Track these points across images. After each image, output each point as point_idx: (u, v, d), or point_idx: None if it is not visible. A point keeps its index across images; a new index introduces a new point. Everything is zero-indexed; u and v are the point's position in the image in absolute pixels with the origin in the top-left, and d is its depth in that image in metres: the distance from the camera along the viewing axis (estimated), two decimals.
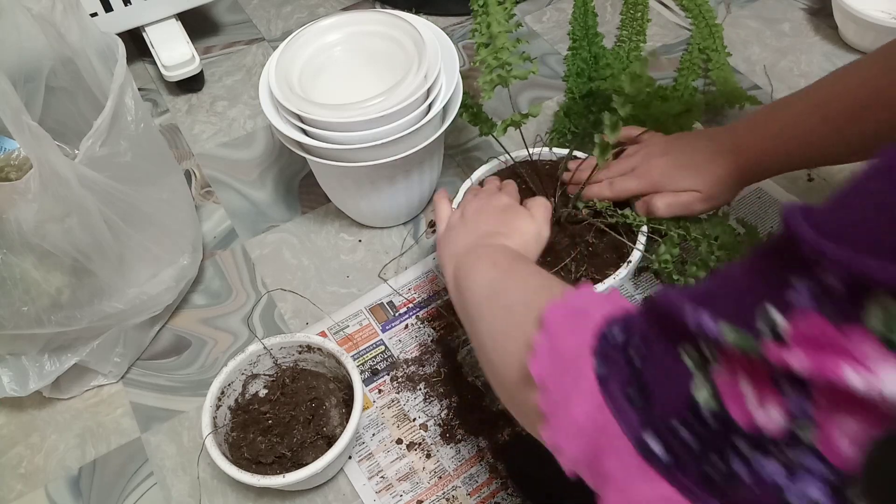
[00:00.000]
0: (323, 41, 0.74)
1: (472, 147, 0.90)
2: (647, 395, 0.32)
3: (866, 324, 0.24)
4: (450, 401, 0.68)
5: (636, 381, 0.33)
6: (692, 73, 0.92)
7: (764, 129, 0.63)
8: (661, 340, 0.32)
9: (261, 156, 0.91)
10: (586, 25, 0.97)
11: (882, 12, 0.93)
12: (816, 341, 0.25)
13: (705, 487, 0.30)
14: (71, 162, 0.55)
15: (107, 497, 0.66)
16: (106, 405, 0.71)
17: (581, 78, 0.91)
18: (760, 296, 0.28)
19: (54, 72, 0.70)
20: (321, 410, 0.65)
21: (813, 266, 0.26)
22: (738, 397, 0.28)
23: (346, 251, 0.81)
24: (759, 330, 0.27)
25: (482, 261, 0.53)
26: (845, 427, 0.25)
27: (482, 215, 0.60)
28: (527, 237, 0.57)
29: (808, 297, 0.26)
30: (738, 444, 0.28)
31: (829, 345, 0.25)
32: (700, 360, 0.30)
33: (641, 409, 0.32)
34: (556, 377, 0.37)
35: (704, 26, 0.98)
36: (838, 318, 0.25)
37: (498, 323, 0.46)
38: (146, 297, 0.68)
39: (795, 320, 0.26)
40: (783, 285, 0.27)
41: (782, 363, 0.26)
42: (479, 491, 0.63)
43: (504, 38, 0.63)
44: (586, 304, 0.40)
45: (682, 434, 0.30)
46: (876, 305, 0.24)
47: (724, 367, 0.29)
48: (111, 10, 0.90)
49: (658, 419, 0.31)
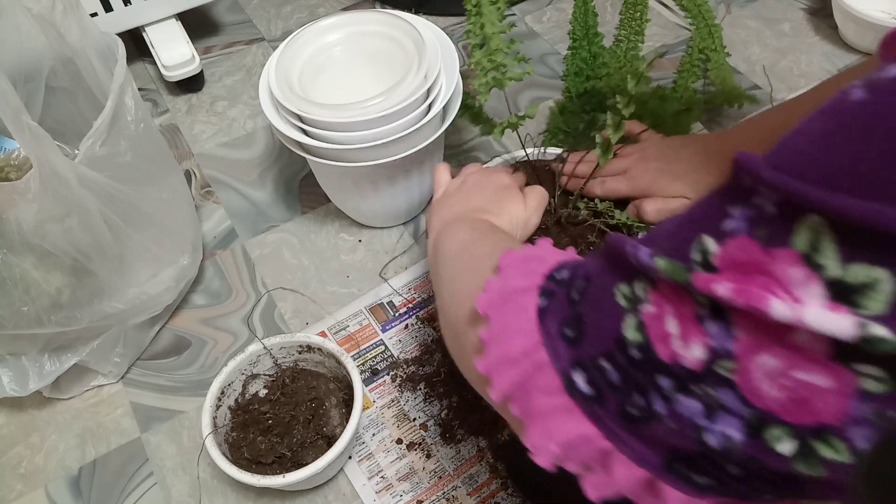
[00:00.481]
0: (323, 41, 0.74)
1: (472, 147, 0.90)
2: (581, 331, 0.33)
3: (793, 246, 0.24)
4: (450, 401, 0.68)
5: (572, 318, 0.34)
6: (692, 76, 0.92)
7: (756, 133, 0.63)
8: (601, 279, 0.33)
9: (261, 156, 0.91)
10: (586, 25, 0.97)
11: (882, 12, 0.93)
12: (744, 265, 0.26)
13: (624, 424, 0.31)
14: (71, 162, 0.55)
15: (107, 497, 0.66)
16: (106, 405, 0.71)
17: (579, 77, 0.91)
18: (698, 228, 0.28)
19: (54, 72, 0.70)
20: (321, 410, 0.65)
21: (752, 195, 0.26)
22: (664, 334, 0.29)
23: (346, 251, 0.81)
24: (692, 259, 0.28)
25: (462, 226, 0.54)
26: (764, 363, 0.26)
27: (478, 190, 0.61)
28: (514, 220, 0.58)
29: (743, 223, 0.26)
30: (659, 381, 0.29)
31: (755, 268, 0.25)
32: (632, 298, 0.30)
33: (573, 346, 0.33)
34: (500, 310, 0.37)
35: (704, 26, 0.98)
36: (768, 241, 0.25)
37: (460, 272, 0.47)
38: (146, 297, 0.68)
39: (726, 245, 0.27)
40: (721, 216, 0.27)
41: (708, 291, 0.26)
42: (479, 491, 0.63)
43: (498, 40, 0.62)
44: (542, 253, 0.41)
45: (608, 370, 0.31)
46: (805, 227, 0.24)
47: (653, 304, 0.29)
48: (111, 10, 0.90)
49: (587, 356, 0.32)
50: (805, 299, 0.24)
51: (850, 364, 0.24)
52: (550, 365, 0.34)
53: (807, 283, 0.24)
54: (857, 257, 0.23)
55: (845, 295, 0.23)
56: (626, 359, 0.30)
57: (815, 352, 0.24)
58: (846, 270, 0.23)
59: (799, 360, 0.25)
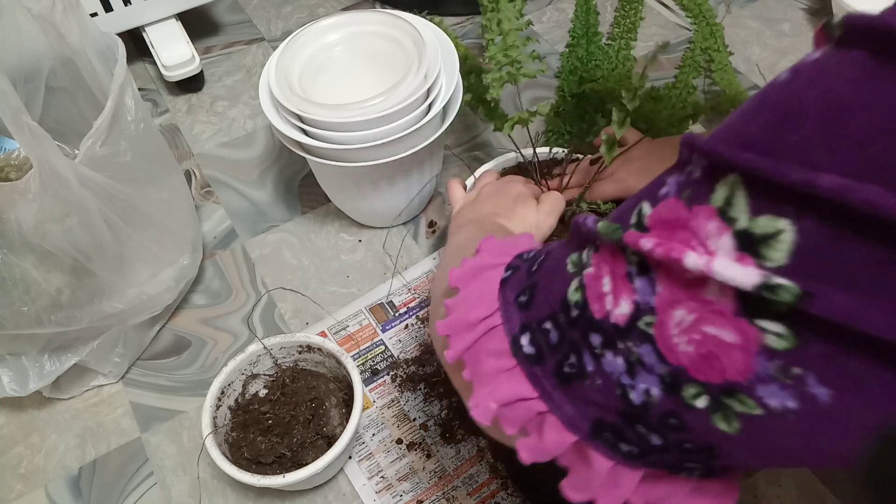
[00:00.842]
0: (323, 41, 0.74)
1: (472, 147, 0.90)
2: (532, 297, 0.35)
3: (711, 202, 0.26)
4: (450, 401, 0.68)
5: (528, 286, 0.36)
6: (693, 72, 0.92)
7: None
8: (558, 252, 0.35)
9: (261, 156, 0.91)
10: (587, 24, 0.97)
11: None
12: (669, 222, 0.28)
13: (558, 382, 0.33)
14: (71, 162, 0.55)
15: (107, 497, 0.66)
16: (106, 405, 0.71)
17: (574, 76, 0.91)
18: (640, 197, 0.31)
19: (54, 72, 0.70)
20: (321, 410, 0.65)
21: (686, 164, 0.29)
22: (600, 293, 0.30)
23: (346, 251, 0.81)
24: (630, 223, 0.30)
25: (471, 226, 0.56)
26: (678, 317, 0.27)
27: (491, 198, 0.62)
28: (526, 225, 0.59)
29: (674, 187, 0.29)
30: (591, 338, 0.31)
31: (679, 225, 0.27)
32: (579, 263, 0.33)
33: (524, 311, 0.35)
34: (468, 281, 0.40)
35: (705, 26, 0.98)
36: (691, 200, 0.27)
37: (453, 257, 0.50)
38: (146, 297, 0.68)
39: (657, 207, 0.29)
40: (659, 185, 0.30)
41: (635, 246, 0.28)
42: (479, 491, 0.63)
43: (515, 36, 0.62)
44: (520, 240, 0.43)
45: (549, 331, 0.33)
46: (723, 185, 0.26)
47: (594, 265, 0.31)
48: (111, 10, 0.90)
49: (534, 318, 0.34)
50: (716, 250, 0.26)
51: (755, 320, 0.25)
52: (502, 329, 0.36)
53: (719, 235, 0.26)
54: (764, 209, 0.25)
55: (752, 245, 0.25)
56: (566, 319, 0.32)
57: (724, 305, 0.26)
58: (754, 222, 0.25)
59: (708, 314, 0.26)
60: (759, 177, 0.25)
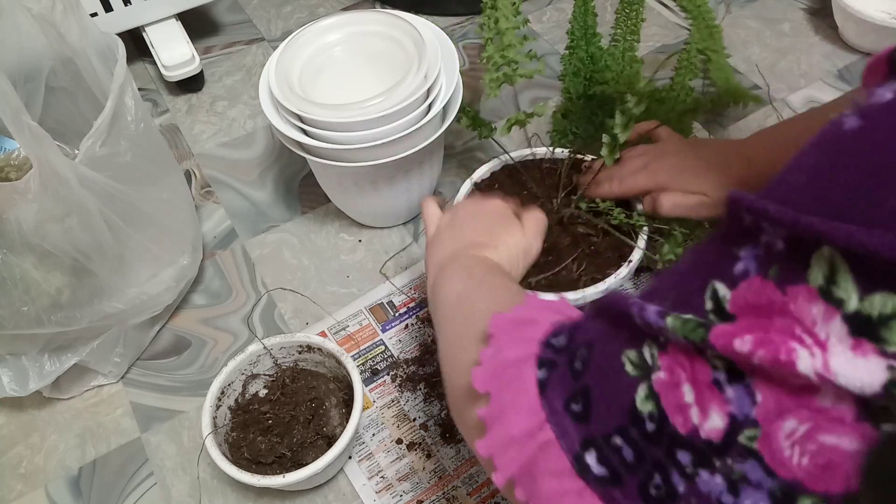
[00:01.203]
0: (323, 41, 0.74)
1: (472, 147, 0.90)
2: (588, 406, 0.31)
3: (809, 281, 0.23)
4: None
5: (578, 391, 0.31)
6: (689, 73, 0.92)
7: (774, 139, 0.63)
8: (605, 346, 0.31)
9: (261, 156, 0.91)
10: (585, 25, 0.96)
11: (882, 12, 0.93)
12: (761, 308, 0.24)
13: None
14: (71, 162, 0.55)
15: (107, 497, 0.66)
16: (106, 405, 0.71)
17: (578, 78, 0.91)
18: (707, 275, 0.27)
19: (54, 72, 0.70)
20: (321, 410, 0.65)
21: (757, 234, 0.25)
22: (680, 405, 0.27)
23: (346, 251, 0.81)
24: (705, 309, 0.26)
25: (458, 270, 0.51)
26: (789, 428, 0.24)
27: (471, 221, 0.57)
28: (513, 251, 0.55)
29: (753, 263, 0.25)
30: (678, 456, 0.27)
31: (773, 309, 0.24)
32: (642, 365, 0.28)
33: (582, 423, 0.31)
34: (498, 387, 0.35)
35: (704, 27, 0.98)
36: (782, 279, 0.24)
37: (457, 332, 0.45)
38: (146, 297, 0.68)
39: (739, 288, 0.25)
40: (729, 259, 0.26)
41: (728, 349, 0.25)
42: (479, 491, 0.63)
43: (512, 35, 0.62)
44: (533, 314, 0.38)
45: (621, 447, 0.29)
46: (819, 261, 0.23)
47: (664, 369, 0.27)
48: (111, 10, 0.90)
49: (598, 433, 0.30)
50: (828, 340, 0.23)
51: (880, 423, 0.23)
52: (557, 445, 0.31)
53: (828, 320, 0.23)
54: (878, 286, 0.22)
55: (870, 329, 0.22)
56: (641, 434, 0.28)
57: (842, 412, 0.23)
58: (867, 302, 0.22)
59: (825, 423, 0.23)
60: (862, 253, 0.22)
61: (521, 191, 0.71)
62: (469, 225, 0.57)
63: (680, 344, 0.27)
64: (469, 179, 0.72)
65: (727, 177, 0.63)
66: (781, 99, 0.93)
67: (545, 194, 0.71)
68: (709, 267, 0.27)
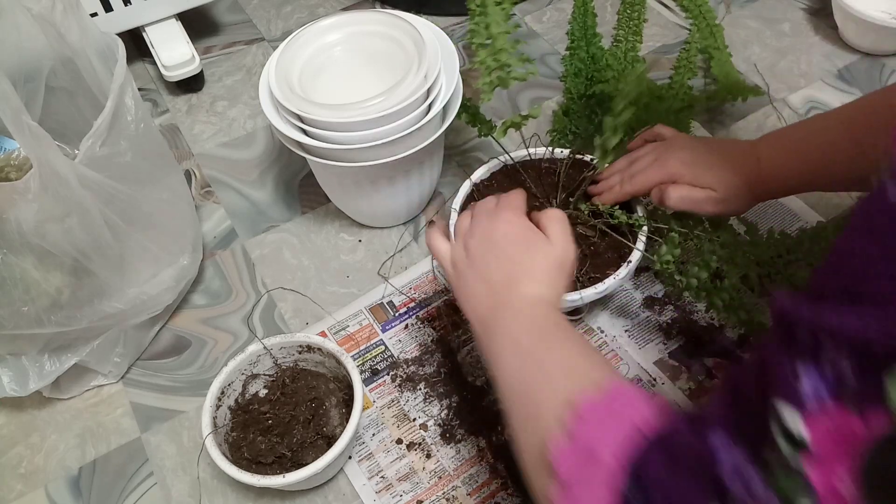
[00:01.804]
0: (323, 41, 0.74)
1: (472, 147, 0.90)
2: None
3: (889, 404, 0.21)
4: (450, 401, 0.68)
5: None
6: (688, 72, 0.92)
7: (784, 141, 0.62)
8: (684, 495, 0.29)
9: (261, 156, 0.91)
10: (585, 26, 0.97)
11: (882, 12, 0.93)
12: (844, 440, 0.22)
13: None
14: (71, 162, 0.55)
15: (107, 497, 0.66)
16: (106, 405, 0.71)
17: (579, 78, 0.91)
18: (769, 395, 0.24)
19: (54, 72, 0.70)
20: (321, 410, 0.65)
21: (817, 350, 0.23)
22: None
23: (346, 251, 0.81)
24: (777, 451, 0.23)
25: (505, 342, 0.47)
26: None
27: (490, 254, 0.52)
28: (550, 271, 0.50)
29: (822, 385, 0.23)
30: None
31: (856, 439, 0.21)
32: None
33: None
34: (575, 480, 0.34)
35: (705, 26, 0.98)
36: (859, 403, 0.22)
37: (528, 394, 0.43)
38: (146, 297, 0.68)
39: (816, 419, 0.23)
40: (792, 378, 0.23)
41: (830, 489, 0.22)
42: (479, 491, 0.63)
43: (503, 40, 0.62)
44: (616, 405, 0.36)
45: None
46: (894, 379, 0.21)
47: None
48: (111, 10, 0.90)
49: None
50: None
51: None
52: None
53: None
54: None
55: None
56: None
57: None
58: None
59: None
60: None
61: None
62: (490, 258, 0.52)
63: None
64: (468, 180, 0.72)
65: (734, 174, 0.63)
66: (781, 99, 0.93)
67: (544, 194, 0.71)
68: (775, 387, 0.24)
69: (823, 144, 0.59)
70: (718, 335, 0.71)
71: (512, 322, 0.48)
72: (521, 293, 0.49)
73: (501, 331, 0.47)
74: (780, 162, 0.61)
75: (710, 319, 0.72)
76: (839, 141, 0.58)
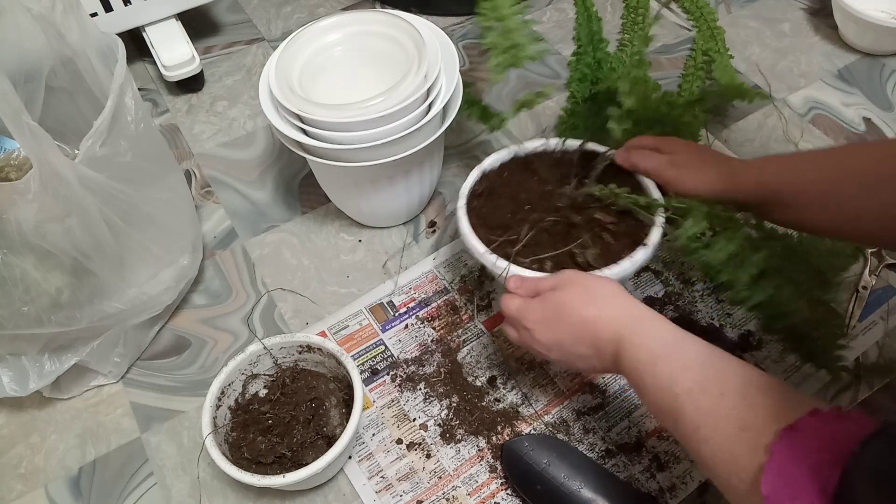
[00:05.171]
0: (323, 41, 0.74)
1: (473, 147, 0.90)
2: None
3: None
4: (450, 401, 0.68)
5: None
6: (697, 79, 0.92)
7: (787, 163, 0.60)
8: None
9: (261, 156, 0.91)
10: (591, 31, 0.97)
11: (882, 12, 0.93)
12: None
13: None
14: (71, 162, 0.55)
15: (107, 497, 0.66)
16: (106, 405, 0.71)
17: (584, 83, 0.91)
18: None
19: (54, 72, 0.70)
20: (321, 410, 0.65)
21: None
22: None
23: (346, 251, 0.81)
24: None
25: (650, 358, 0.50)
26: None
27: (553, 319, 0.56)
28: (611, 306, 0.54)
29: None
30: None
31: None
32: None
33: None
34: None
35: (706, 29, 0.98)
36: None
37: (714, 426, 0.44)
38: (146, 297, 0.68)
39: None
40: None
41: None
42: (479, 491, 0.63)
43: (513, 20, 0.62)
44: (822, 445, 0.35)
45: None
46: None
47: None
48: (111, 10, 0.90)
49: None
50: None
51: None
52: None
53: None
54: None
55: None
56: None
57: None
58: None
59: None
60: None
61: (531, 177, 0.70)
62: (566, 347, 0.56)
63: None
64: (478, 167, 0.70)
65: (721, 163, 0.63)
66: (781, 99, 0.93)
67: (556, 181, 0.70)
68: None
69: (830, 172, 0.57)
70: (719, 335, 0.71)
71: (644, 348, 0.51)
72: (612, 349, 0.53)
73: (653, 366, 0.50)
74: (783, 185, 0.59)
75: (710, 320, 0.72)
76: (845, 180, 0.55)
